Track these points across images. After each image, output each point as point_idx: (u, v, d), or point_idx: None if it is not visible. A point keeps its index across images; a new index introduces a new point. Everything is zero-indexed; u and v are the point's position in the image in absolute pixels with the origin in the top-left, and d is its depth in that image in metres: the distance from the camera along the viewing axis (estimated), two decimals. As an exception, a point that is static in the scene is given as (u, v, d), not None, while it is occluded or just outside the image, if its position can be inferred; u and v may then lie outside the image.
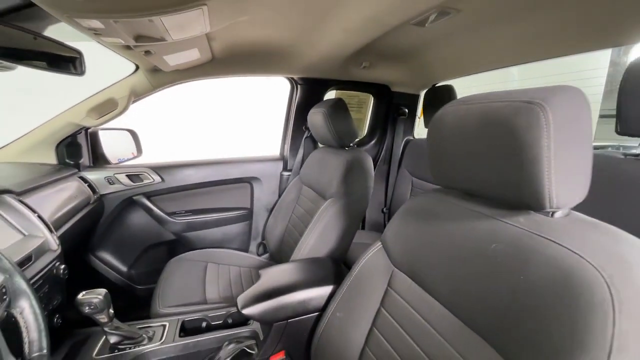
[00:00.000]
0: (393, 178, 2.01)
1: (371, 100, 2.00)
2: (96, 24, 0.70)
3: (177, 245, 1.77)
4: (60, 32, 0.89)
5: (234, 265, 1.57)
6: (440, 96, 1.64)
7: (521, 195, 0.53)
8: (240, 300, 0.93)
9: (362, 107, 2.07)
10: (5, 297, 0.56)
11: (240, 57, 1.41)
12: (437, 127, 0.67)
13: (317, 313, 0.96)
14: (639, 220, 0.86)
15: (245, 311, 0.91)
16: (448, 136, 0.64)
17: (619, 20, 0.95)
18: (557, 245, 0.48)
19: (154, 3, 0.68)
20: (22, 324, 0.58)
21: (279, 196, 1.85)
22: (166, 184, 1.69)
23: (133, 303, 1.64)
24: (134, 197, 1.64)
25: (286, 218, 1.64)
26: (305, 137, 1.83)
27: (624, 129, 0.89)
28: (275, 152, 1.96)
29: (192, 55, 1.22)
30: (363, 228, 2.09)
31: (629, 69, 0.85)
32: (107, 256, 1.64)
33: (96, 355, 0.91)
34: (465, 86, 1.53)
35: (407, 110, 1.93)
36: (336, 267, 1.10)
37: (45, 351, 0.58)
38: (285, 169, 1.89)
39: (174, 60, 1.22)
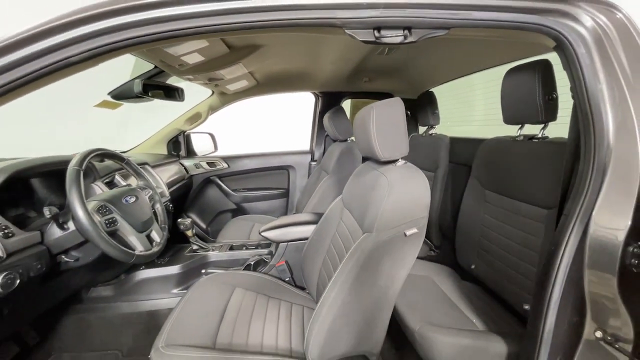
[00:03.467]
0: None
1: (381, 106, 2.49)
2: (190, 77, 1.44)
3: (237, 212, 2.54)
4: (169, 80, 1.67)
5: (272, 225, 2.24)
6: (425, 100, 2.05)
7: (375, 154, 1.04)
8: (262, 228, 1.58)
9: (373, 111, 2.56)
10: (152, 201, 1.30)
11: (275, 81, 2.09)
12: (357, 120, 1.20)
13: (306, 240, 1.54)
14: (512, 174, 1.24)
15: (263, 233, 1.55)
16: (360, 125, 1.16)
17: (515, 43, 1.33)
18: (383, 176, 1.00)
19: (216, 66, 1.38)
20: (157, 213, 1.32)
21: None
22: (231, 169, 2.47)
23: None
24: (211, 177, 2.45)
25: (310, 195, 2.26)
26: (326, 135, 2.43)
27: (507, 120, 1.28)
28: (306, 146, 2.60)
29: (243, 84, 1.94)
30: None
31: (504, 79, 1.24)
32: (193, 216, 2.47)
33: (186, 253, 1.65)
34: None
35: (409, 112, 2.38)
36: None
37: (166, 226, 1.31)
38: (312, 159, 2.52)
39: (233, 87, 1.95)
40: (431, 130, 2.06)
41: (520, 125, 1.26)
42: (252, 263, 1.59)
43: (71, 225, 1.01)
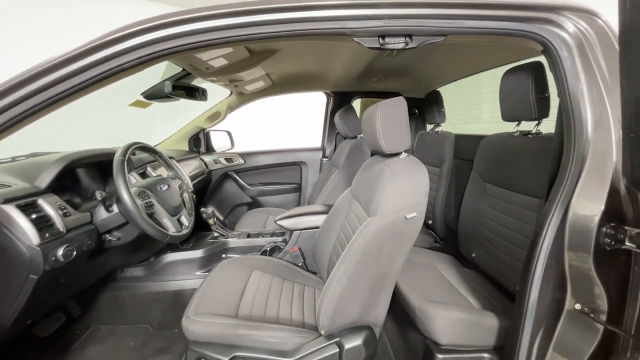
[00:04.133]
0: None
1: (390, 104, 2.61)
2: (213, 79, 1.58)
3: (253, 205, 2.69)
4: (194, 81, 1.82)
5: (285, 218, 2.38)
6: (431, 99, 2.15)
7: (381, 148, 1.16)
8: (277, 217, 1.72)
9: (382, 110, 2.67)
10: (181, 190, 1.46)
11: (289, 81, 2.22)
12: (365, 117, 1.32)
13: (317, 228, 1.66)
14: (509, 167, 1.34)
15: (279, 222, 1.69)
16: (367, 121, 1.28)
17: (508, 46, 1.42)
18: (387, 167, 1.12)
19: (238, 69, 1.52)
20: (185, 201, 1.48)
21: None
22: (247, 165, 2.62)
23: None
24: (228, 172, 2.61)
25: (321, 189, 2.39)
26: (337, 133, 2.56)
27: (504, 117, 1.37)
28: (317, 143, 2.73)
29: (260, 84, 2.09)
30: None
31: (502, 79, 1.34)
32: (212, 208, 2.63)
33: (208, 239, 1.81)
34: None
35: (417, 111, 2.48)
36: (334, 207, 1.79)
37: (192, 212, 1.46)
38: (324, 156, 2.65)
39: (250, 88, 2.10)
40: (437, 128, 2.16)
41: (517, 122, 1.35)
42: (267, 249, 1.73)
43: (115, 208, 1.17)
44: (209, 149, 2.63)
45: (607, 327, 0.84)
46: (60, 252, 0.98)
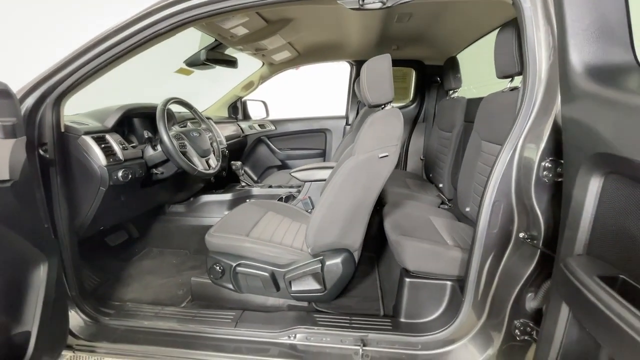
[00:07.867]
0: (429, 133, 2.63)
1: (413, 73, 2.66)
2: (241, 47, 1.85)
3: (282, 167, 2.99)
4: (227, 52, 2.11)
5: (308, 178, 2.64)
6: (449, 65, 2.17)
7: (368, 101, 1.32)
8: (293, 170, 1.97)
9: (405, 78, 2.73)
10: (211, 140, 1.78)
11: (312, 51, 2.41)
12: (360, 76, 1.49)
13: (324, 180, 1.89)
14: (498, 122, 1.40)
15: (293, 174, 1.95)
16: (360, 79, 1.45)
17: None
18: (371, 117, 1.28)
19: (259, 37, 1.76)
20: (214, 149, 1.80)
21: (342, 141, 2.80)
22: (278, 131, 2.91)
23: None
24: (261, 137, 2.93)
25: (343, 153, 2.58)
26: (359, 101, 2.70)
27: (498, 75, 1.42)
28: (342, 112, 2.91)
29: (286, 54, 2.31)
30: (405, 169, 2.79)
31: (496, 38, 1.38)
32: (248, 170, 2.99)
33: (237, 188, 2.14)
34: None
35: (438, 79, 2.50)
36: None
37: (220, 158, 1.78)
38: (347, 123, 2.82)
39: (278, 58, 2.34)
40: (454, 94, 2.20)
41: (510, 80, 1.40)
42: (283, 196, 2.01)
43: (159, 148, 1.52)
44: (246, 117, 2.96)
45: (541, 249, 0.95)
46: (120, 173, 1.35)
